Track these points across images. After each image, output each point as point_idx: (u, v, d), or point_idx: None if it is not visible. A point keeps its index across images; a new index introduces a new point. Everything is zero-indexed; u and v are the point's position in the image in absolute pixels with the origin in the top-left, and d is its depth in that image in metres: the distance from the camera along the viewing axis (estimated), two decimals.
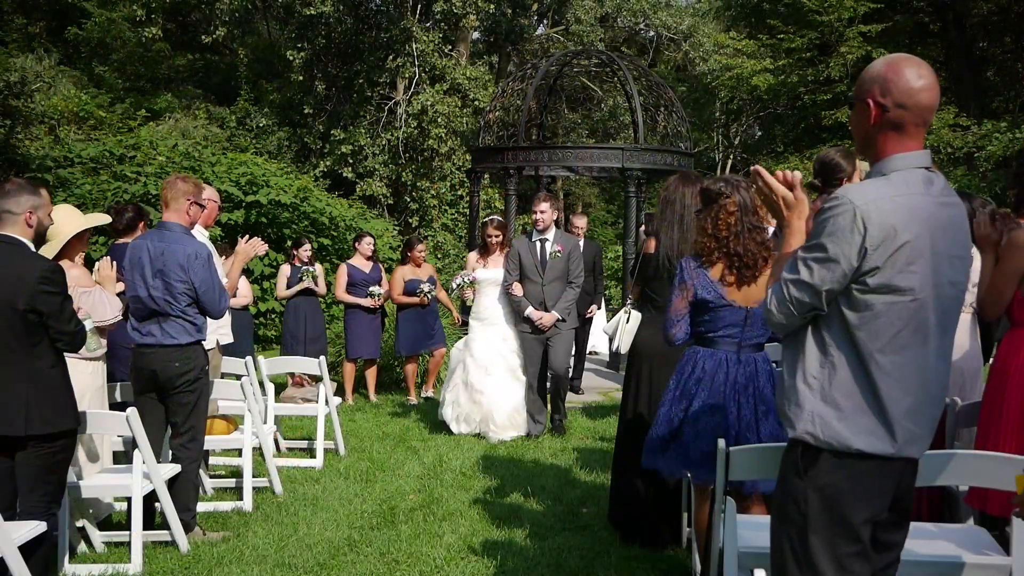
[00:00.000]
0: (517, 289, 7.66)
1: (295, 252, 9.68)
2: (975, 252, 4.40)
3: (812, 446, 2.47)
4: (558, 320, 7.62)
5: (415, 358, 9.62)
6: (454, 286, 8.06)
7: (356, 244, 9.75)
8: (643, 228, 5.03)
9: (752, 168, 2.74)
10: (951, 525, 3.77)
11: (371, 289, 9.36)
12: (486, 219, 8.30)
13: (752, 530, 3.47)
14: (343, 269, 9.52)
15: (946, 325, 2.50)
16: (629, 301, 5.04)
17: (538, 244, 7.75)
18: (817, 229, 2.41)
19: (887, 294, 2.39)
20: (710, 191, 4.07)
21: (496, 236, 8.05)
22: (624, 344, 4.98)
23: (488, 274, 7.94)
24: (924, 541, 3.47)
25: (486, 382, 7.70)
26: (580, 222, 10.02)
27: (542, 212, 7.69)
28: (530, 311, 7.61)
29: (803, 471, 2.49)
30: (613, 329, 5.04)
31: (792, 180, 2.63)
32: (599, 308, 10.38)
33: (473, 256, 8.25)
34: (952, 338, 2.54)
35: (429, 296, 9.33)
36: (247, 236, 6.04)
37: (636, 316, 5.01)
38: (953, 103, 18.67)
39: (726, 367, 3.99)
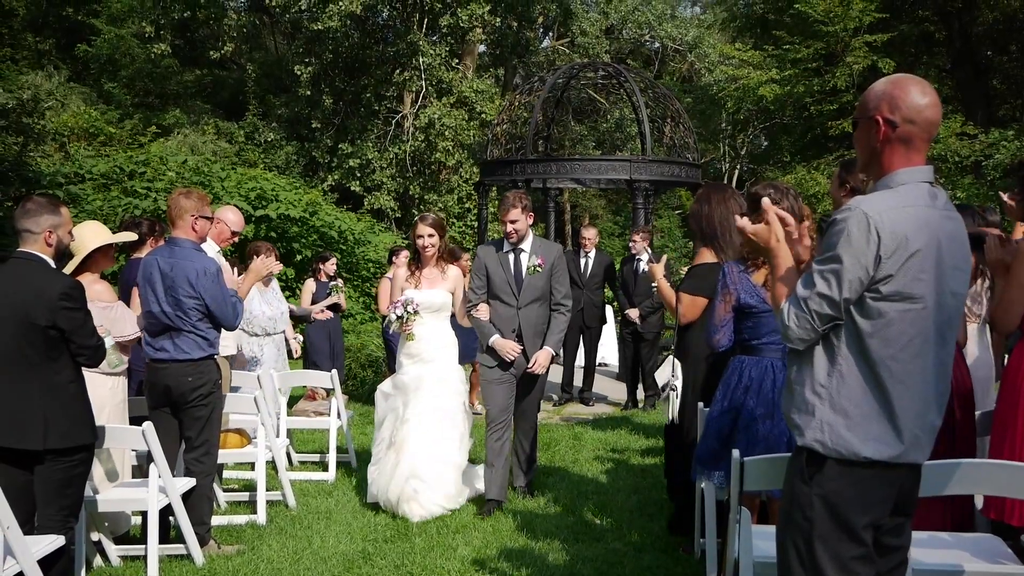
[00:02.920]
0: (483, 312, 5.95)
1: (320, 267, 9.67)
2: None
3: (818, 453, 2.53)
4: (553, 356, 6.09)
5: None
6: (393, 318, 5.95)
7: (393, 258, 9.65)
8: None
9: (736, 225, 2.84)
10: (966, 534, 3.77)
11: None
12: (416, 218, 6.29)
13: (767, 540, 3.48)
14: (386, 284, 9.52)
15: (946, 335, 2.58)
16: (671, 377, 5.09)
17: (511, 256, 6.01)
18: (831, 240, 2.48)
19: (900, 301, 2.46)
20: (759, 196, 4.06)
21: (430, 238, 6.02)
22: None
23: (422, 296, 5.99)
24: (939, 550, 3.47)
25: (417, 440, 5.87)
26: (589, 234, 10.05)
27: (513, 223, 5.91)
28: (495, 339, 5.86)
29: (808, 477, 2.57)
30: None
31: (764, 209, 2.73)
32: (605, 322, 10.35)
33: (402, 273, 6.21)
34: (951, 348, 2.62)
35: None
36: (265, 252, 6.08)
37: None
38: (960, 112, 18.67)
39: (772, 374, 4.01)
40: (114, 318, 4.95)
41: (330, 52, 21.65)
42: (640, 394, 9.83)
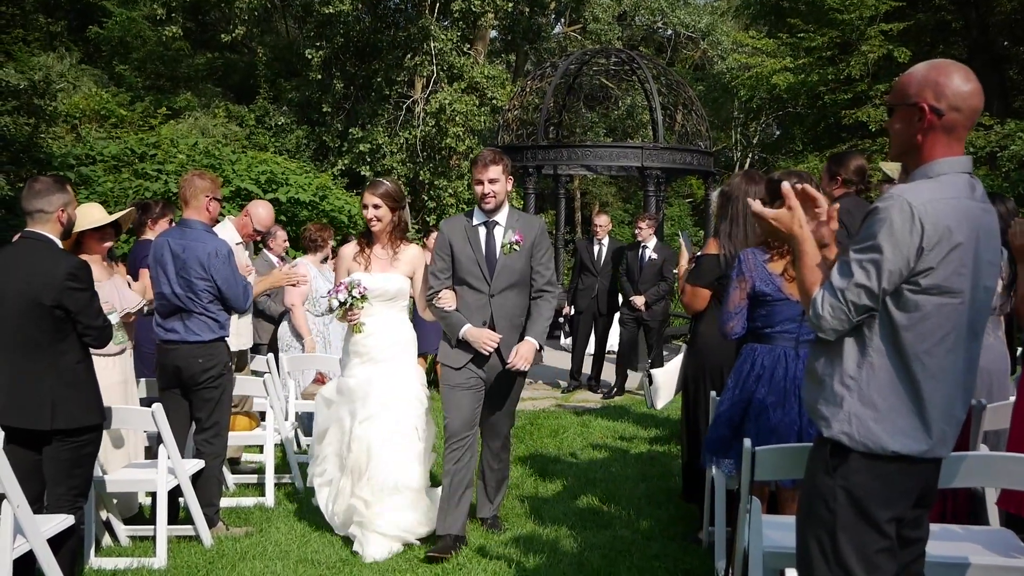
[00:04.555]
0: (448, 299, 4.88)
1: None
2: None
3: (842, 445, 2.48)
4: (537, 351, 4.96)
5: None
6: (335, 304, 4.97)
7: (426, 240, 9.57)
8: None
9: (752, 210, 2.72)
10: (977, 527, 3.75)
11: None
12: (367, 184, 5.23)
13: (778, 530, 3.46)
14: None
15: (978, 330, 2.53)
16: (647, 364, 5.15)
17: (482, 230, 4.92)
18: (871, 229, 2.41)
19: (938, 295, 2.39)
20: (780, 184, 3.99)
21: (375, 210, 5.01)
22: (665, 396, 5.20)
23: (372, 281, 5.01)
24: (950, 543, 3.44)
25: (372, 453, 4.91)
26: (601, 220, 9.99)
27: (492, 183, 4.83)
28: (468, 329, 4.81)
29: (832, 469, 2.51)
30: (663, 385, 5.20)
31: (785, 194, 2.62)
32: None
33: (350, 250, 5.18)
34: (981, 343, 2.56)
35: None
36: (291, 263, 6.08)
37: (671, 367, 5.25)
38: None
39: (784, 362, 3.99)
40: (105, 295, 4.95)
41: (341, 36, 21.60)
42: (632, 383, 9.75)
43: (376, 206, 4.98)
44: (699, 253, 5.02)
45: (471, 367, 4.86)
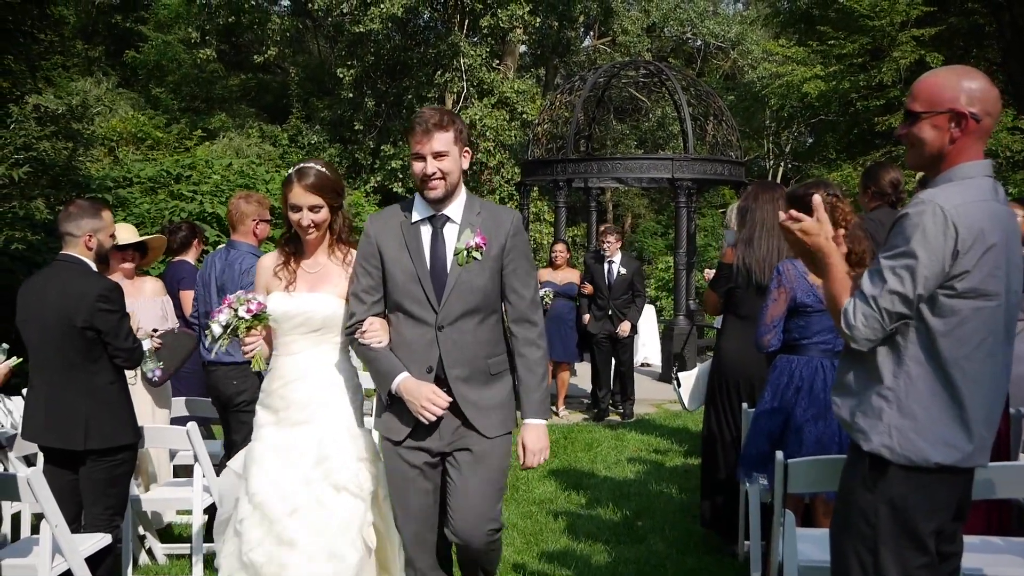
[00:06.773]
0: (375, 332, 3.26)
1: None
2: None
3: (881, 458, 2.45)
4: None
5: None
6: (217, 331, 3.35)
7: None
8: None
9: (780, 223, 2.70)
10: (1017, 539, 3.68)
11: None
12: (291, 172, 3.48)
13: (812, 543, 3.43)
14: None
15: (1011, 333, 2.50)
16: (674, 367, 5.18)
17: (425, 230, 3.32)
18: (904, 235, 2.38)
19: (975, 299, 2.37)
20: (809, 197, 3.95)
21: (312, 212, 3.41)
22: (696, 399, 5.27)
23: (290, 303, 3.44)
24: (990, 555, 3.39)
25: (285, 556, 3.25)
26: (611, 237, 9.76)
27: (438, 157, 3.22)
28: (404, 380, 3.19)
29: (872, 484, 2.47)
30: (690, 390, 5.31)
31: (815, 207, 2.59)
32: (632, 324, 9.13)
33: (270, 262, 3.59)
34: (1012, 347, 2.52)
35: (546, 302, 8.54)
36: None
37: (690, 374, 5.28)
38: (1011, 106, 18.24)
39: (823, 374, 3.96)
40: None
41: (372, 54, 21.85)
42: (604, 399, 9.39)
43: (314, 207, 3.41)
44: (719, 261, 5.09)
45: (415, 441, 3.25)
